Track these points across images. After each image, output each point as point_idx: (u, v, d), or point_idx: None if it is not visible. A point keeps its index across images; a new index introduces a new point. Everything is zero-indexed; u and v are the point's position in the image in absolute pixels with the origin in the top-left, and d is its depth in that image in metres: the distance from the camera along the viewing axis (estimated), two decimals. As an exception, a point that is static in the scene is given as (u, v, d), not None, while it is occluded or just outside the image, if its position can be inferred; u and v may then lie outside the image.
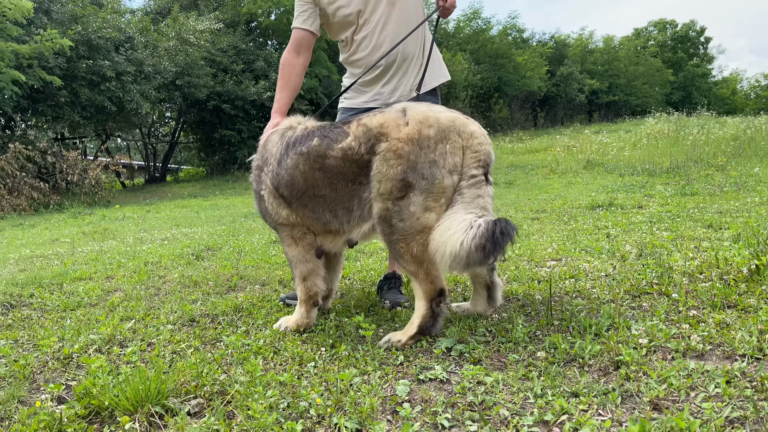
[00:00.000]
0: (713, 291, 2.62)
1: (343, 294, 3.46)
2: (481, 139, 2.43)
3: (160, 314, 3.17)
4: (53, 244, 6.87)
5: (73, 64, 15.39)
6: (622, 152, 14.98)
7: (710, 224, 4.90)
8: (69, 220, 10.25)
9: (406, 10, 3.07)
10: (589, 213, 6.52)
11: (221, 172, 22.25)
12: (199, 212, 10.33)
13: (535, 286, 3.20)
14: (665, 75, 43.86)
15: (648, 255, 3.76)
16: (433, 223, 2.36)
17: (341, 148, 2.54)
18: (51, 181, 14.68)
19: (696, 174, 9.85)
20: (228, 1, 24.08)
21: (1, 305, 3.51)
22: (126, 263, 4.76)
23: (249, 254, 4.95)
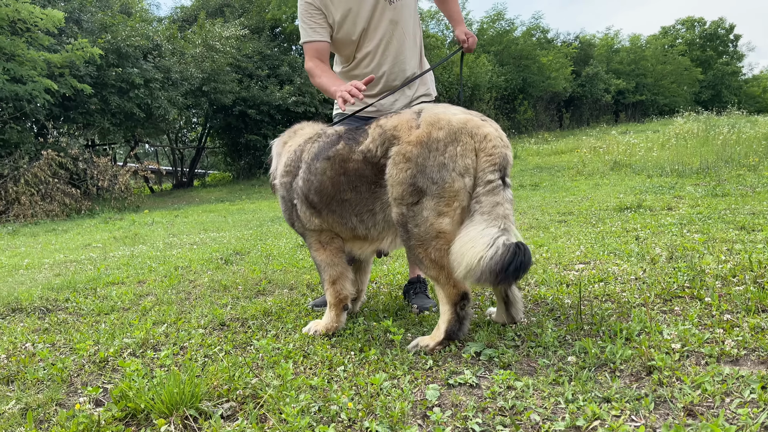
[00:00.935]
0: (747, 295, 2.58)
1: (371, 297, 3.48)
2: (495, 141, 2.37)
3: (191, 318, 3.22)
4: (86, 249, 7.02)
5: (103, 72, 15.72)
6: (650, 152, 14.76)
7: (743, 226, 4.80)
8: (100, 225, 10.46)
9: (406, 28, 3.18)
10: (617, 215, 6.44)
11: (247, 176, 22.50)
12: (226, 216, 10.45)
13: (563, 290, 3.18)
14: (694, 73, 43.09)
15: (679, 258, 3.71)
16: (447, 227, 2.34)
17: (361, 151, 2.56)
18: (82, 187, 14.98)
19: (727, 174, 9.66)
20: (253, 7, 24.35)
21: (38, 309, 3.60)
22: (157, 268, 4.84)
23: (277, 258, 5.00)
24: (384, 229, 2.62)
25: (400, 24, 3.14)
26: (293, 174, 2.85)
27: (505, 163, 2.38)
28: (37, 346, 2.85)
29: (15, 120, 14.27)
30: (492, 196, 2.32)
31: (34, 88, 13.34)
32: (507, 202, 2.36)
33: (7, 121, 13.99)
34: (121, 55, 16.09)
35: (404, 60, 3.21)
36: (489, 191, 2.32)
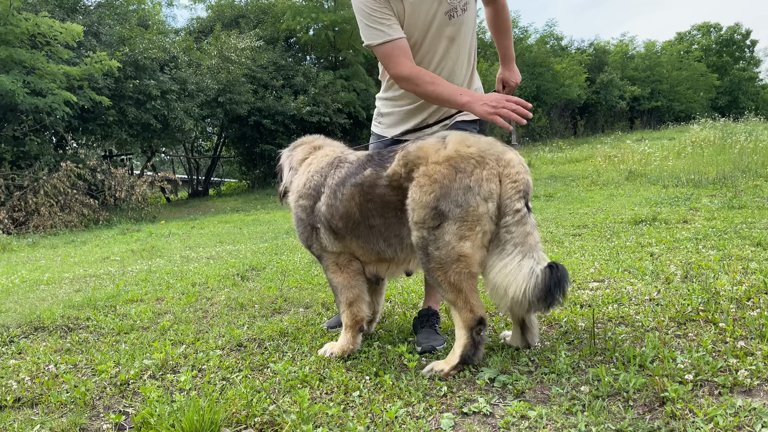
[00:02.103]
0: (761, 320, 2.58)
1: (385, 317, 3.52)
2: (519, 167, 2.40)
3: (209, 338, 3.28)
4: (104, 263, 7.12)
5: (120, 84, 15.97)
6: (666, 162, 14.67)
7: (759, 242, 4.78)
8: (118, 236, 10.61)
9: (463, 46, 2.95)
10: (632, 229, 6.42)
11: (262, 185, 22.67)
12: (241, 228, 10.55)
13: (577, 312, 3.19)
14: (710, 79, 42.77)
15: (694, 277, 3.71)
16: (469, 251, 2.37)
17: (387, 176, 2.57)
18: (100, 197, 15.19)
19: (744, 185, 9.59)
20: (268, 18, 24.60)
21: (59, 328, 3.68)
22: (174, 284, 4.92)
23: (292, 274, 5.05)
24: (411, 251, 2.64)
25: (457, 41, 2.91)
26: (314, 198, 2.85)
27: (528, 189, 2.42)
28: (60, 367, 2.92)
29: (35, 132, 14.53)
30: (522, 226, 2.36)
31: (54, 100, 13.57)
32: (534, 228, 2.42)
33: (28, 133, 14.24)
34: (139, 67, 16.34)
35: (455, 80, 2.97)
36: (518, 221, 2.36)
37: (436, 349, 2.82)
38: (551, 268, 2.29)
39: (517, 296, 2.28)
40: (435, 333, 2.96)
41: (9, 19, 13.26)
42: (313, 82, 21.70)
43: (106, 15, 18.25)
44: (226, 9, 25.62)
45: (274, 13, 24.22)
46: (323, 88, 21.43)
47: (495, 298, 2.38)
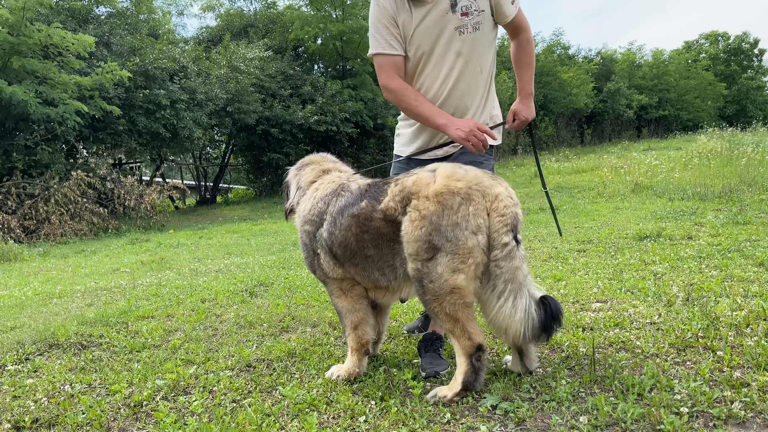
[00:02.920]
0: (758, 349, 2.64)
1: (391, 338, 3.59)
2: (506, 201, 2.47)
3: (218, 358, 3.36)
4: (114, 275, 7.23)
5: (131, 93, 16.16)
6: (672, 174, 14.69)
7: (761, 262, 4.83)
8: (127, 246, 10.73)
9: (474, 66, 2.97)
10: (636, 245, 6.47)
11: (269, 193, 22.82)
12: (249, 239, 10.65)
13: (579, 335, 3.26)
14: (718, 88, 42.68)
15: (695, 300, 3.77)
16: (462, 283, 2.44)
17: (381, 209, 2.65)
18: (110, 206, 15.35)
19: (749, 199, 9.61)
20: (276, 27, 24.81)
21: (73, 346, 3.78)
22: (184, 300, 5.01)
23: (299, 290, 5.14)
24: (404, 281, 2.73)
25: (468, 59, 2.94)
26: (317, 224, 2.93)
27: (516, 222, 2.49)
28: (75, 387, 3.01)
29: (47, 141, 14.72)
30: (510, 260, 2.44)
31: (65, 110, 13.76)
32: (523, 261, 2.51)
33: (39, 142, 14.43)
34: (149, 77, 16.53)
35: (467, 103, 3.02)
36: (507, 255, 2.44)
37: (440, 374, 2.88)
38: (544, 304, 2.42)
39: (517, 336, 2.44)
40: (439, 357, 3.02)
41: (22, 30, 13.48)
42: (320, 92, 21.85)
43: (117, 25, 18.47)
44: (235, 18, 25.86)
45: (283, 22, 24.42)
46: (331, 97, 21.57)
47: (496, 334, 2.49)
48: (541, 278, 5.10)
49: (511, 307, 2.42)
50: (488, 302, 2.50)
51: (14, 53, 13.58)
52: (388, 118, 23.16)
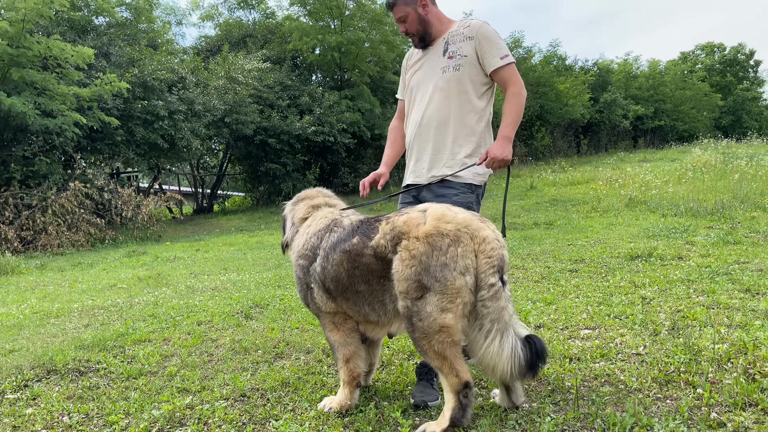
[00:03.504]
0: (736, 387, 2.73)
1: (384, 366, 3.67)
2: (493, 243, 2.58)
3: (214, 386, 3.43)
4: (111, 291, 7.30)
5: (129, 104, 16.25)
6: (666, 187, 14.82)
7: (748, 288, 4.92)
8: (124, 260, 10.79)
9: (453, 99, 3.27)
10: (628, 265, 6.57)
11: (266, 203, 22.89)
12: (246, 253, 10.72)
13: (566, 367, 3.34)
14: (713, 99, 42.95)
15: (680, 329, 3.86)
16: (450, 322, 2.53)
17: (372, 246, 2.76)
18: (107, 216, 15.41)
19: (741, 216, 9.73)
20: (275, 38, 24.94)
21: (71, 372, 3.85)
22: (180, 322, 5.08)
23: (294, 312, 5.22)
24: (394, 317, 2.82)
25: (446, 92, 3.27)
26: (311, 259, 3.02)
27: (503, 264, 2.60)
28: (73, 417, 3.08)
29: (44, 152, 14.78)
30: (497, 301, 2.55)
31: (64, 121, 13.84)
32: (508, 301, 2.61)
33: (37, 153, 14.50)
34: (147, 88, 16.63)
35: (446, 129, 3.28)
36: (493, 295, 2.54)
37: (429, 405, 2.97)
38: (530, 343, 2.52)
39: (505, 375, 2.54)
40: (431, 387, 3.10)
41: (22, 41, 13.57)
42: (318, 102, 21.96)
43: (116, 36, 18.58)
44: (234, 28, 26.00)
45: (281, 33, 24.55)
46: (328, 108, 21.68)
47: (484, 372, 2.57)
48: (532, 301, 5.19)
49: (498, 347, 2.52)
50: (476, 341, 2.59)
51: (13, 65, 13.67)
52: (385, 129, 23.27)
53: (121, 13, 19.97)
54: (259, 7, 27.17)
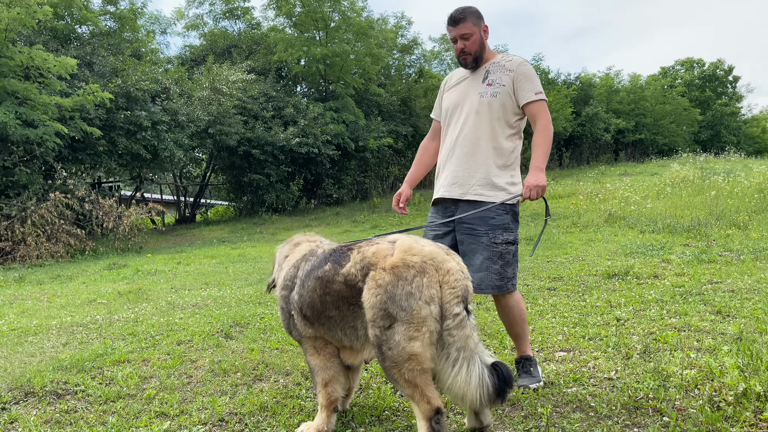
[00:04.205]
0: (701, 416, 2.81)
1: (362, 389, 3.71)
2: (457, 275, 2.68)
3: (192, 410, 3.46)
4: (91, 307, 7.26)
5: (112, 114, 16.17)
6: (645, 203, 15.07)
7: (719, 310, 5.05)
8: (104, 272, 10.72)
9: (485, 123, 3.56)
10: (605, 284, 6.69)
11: (249, 213, 22.84)
12: (227, 266, 10.71)
13: (540, 392, 3.41)
14: (693, 114, 43.74)
15: (652, 353, 3.96)
16: (418, 350, 2.60)
17: (343, 274, 2.84)
18: (87, 227, 15.29)
19: (716, 233, 9.94)
20: (260, 49, 25.00)
21: (49, 394, 3.84)
22: (160, 341, 5.09)
23: (274, 332, 5.25)
24: (366, 342, 2.88)
25: (482, 115, 3.56)
26: (290, 288, 3.12)
27: (466, 294, 2.69)
28: (50, 443, 3.09)
29: (25, 162, 14.65)
30: (462, 329, 2.63)
31: (45, 131, 13.74)
32: (473, 329, 2.69)
33: (17, 163, 14.37)
34: (131, 98, 16.57)
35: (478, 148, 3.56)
36: (458, 324, 2.62)
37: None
38: (496, 370, 2.59)
39: (474, 403, 2.59)
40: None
41: (3, 51, 13.47)
42: (302, 114, 22.02)
43: (100, 45, 18.51)
44: (219, 39, 26.02)
45: (267, 44, 24.62)
46: (313, 119, 21.75)
47: (453, 401, 2.65)
48: (510, 321, 5.26)
49: (465, 375, 2.58)
50: (444, 371, 2.65)
51: (-5, 75, 13.57)
52: (369, 141, 23.41)
53: (104, 22, 19.90)
54: (245, 17, 27.24)
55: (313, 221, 19.84)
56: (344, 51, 22.75)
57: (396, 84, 28.01)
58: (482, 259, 3.46)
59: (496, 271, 3.44)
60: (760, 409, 2.82)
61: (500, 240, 3.46)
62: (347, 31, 23.89)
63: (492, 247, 3.45)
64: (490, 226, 3.44)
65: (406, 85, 28.36)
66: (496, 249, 3.45)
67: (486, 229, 3.46)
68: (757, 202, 12.88)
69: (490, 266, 3.44)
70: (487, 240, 3.46)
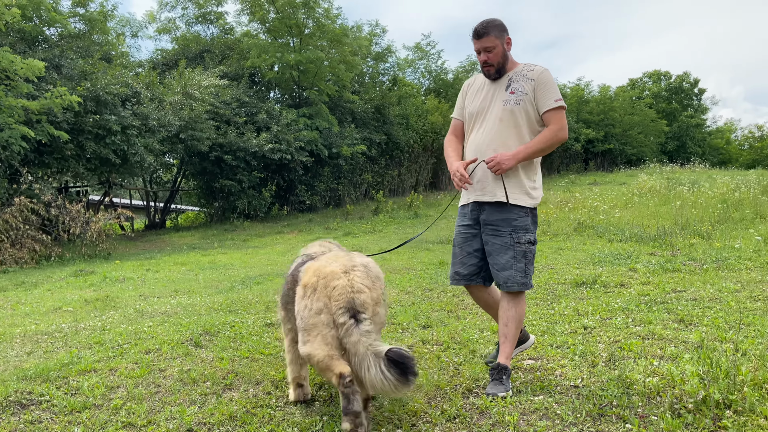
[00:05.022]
0: (662, 423, 2.89)
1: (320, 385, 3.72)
2: (341, 291, 3.06)
3: (160, 420, 3.42)
4: (56, 314, 7.12)
5: (80, 118, 15.88)
6: (613, 212, 15.37)
7: (682, 318, 5.19)
8: (70, 279, 10.52)
9: (510, 128, 3.75)
10: (573, 292, 6.81)
11: (220, 219, 22.63)
12: (197, 274, 10.60)
13: (508, 400, 3.47)
14: (660, 125, 44.74)
15: (617, 360, 4.05)
16: (311, 350, 3.05)
17: (292, 274, 3.60)
18: (53, 233, 14.98)
19: (681, 243, 10.17)
20: (233, 54, 24.83)
21: (13, 404, 3.76)
22: (128, 350, 5.02)
23: (244, 340, 5.22)
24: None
25: (505, 122, 3.75)
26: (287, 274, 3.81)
27: (351, 305, 3.02)
28: (13, 455, 3.03)
29: (-11, 166, 14.31)
30: (350, 336, 2.97)
31: (11, 135, 13.45)
32: (364, 335, 2.94)
33: (-19, 167, 14.03)
34: (100, 102, 16.30)
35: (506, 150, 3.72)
36: (346, 332, 2.98)
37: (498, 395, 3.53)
38: (389, 359, 2.80)
39: (388, 392, 2.84)
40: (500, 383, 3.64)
41: (-32, 52, 13.17)
42: (275, 120, 21.92)
43: (68, 48, 18.19)
44: (192, 43, 25.77)
45: (240, 49, 24.48)
46: (286, 125, 21.66)
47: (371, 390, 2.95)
48: (480, 330, 5.33)
49: (368, 374, 2.84)
50: (358, 372, 2.91)
51: (-42, 75, 13.25)
52: (342, 147, 23.40)
53: (74, 24, 19.58)
54: (218, 22, 27.05)
55: (286, 228, 19.74)
56: (318, 58, 22.74)
57: (370, 91, 28.06)
58: (507, 258, 3.68)
59: (521, 269, 3.69)
60: (719, 416, 2.91)
61: (523, 240, 3.70)
62: (321, 38, 23.90)
63: (516, 247, 3.68)
64: (513, 227, 3.68)
65: (380, 92, 28.42)
66: (520, 248, 3.69)
67: (509, 230, 3.69)
68: (720, 212, 13.23)
69: (515, 264, 3.68)
70: (511, 240, 3.69)
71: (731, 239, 10.04)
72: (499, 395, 3.52)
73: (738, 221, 12.19)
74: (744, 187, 17.59)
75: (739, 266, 7.64)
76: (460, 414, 3.32)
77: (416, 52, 33.87)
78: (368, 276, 3.20)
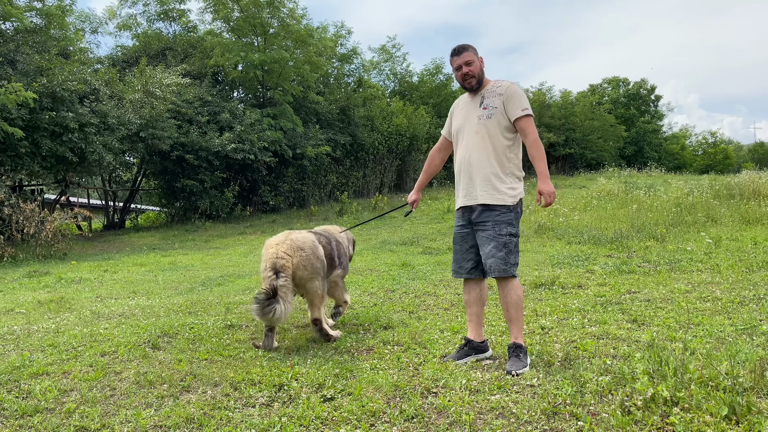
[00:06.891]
0: (612, 420, 2.98)
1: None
2: (268, 255, 4.84)
3: (114, 424, 3.37)
4: (8, 317, 6.91)
5: (36, 115, 15.44)
6: (573, 215, 15.67)
7: (635, 318, 5.34)
8: (24, 281, 10.21)
9: (486, 141, 4.26)
10: (532, 293, 6.93)
11: (182, 220, 22.26)
12: (157, 275, 10.41)
13: (466, 399, 3.52)
14: (618, 131, 45.80)
15: (572, 360, 4.15)
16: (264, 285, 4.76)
17: None
18: (6, 232, 14.52)
19: (636, 245, 10.45)
20: (196, 52, 24.48)
21: (-41, 410, 3.65)
22: (83, 353, 4.91)
23: (204, 342, 5.16)
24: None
25: (481, 135, 4.28)
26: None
27: (274, 265, 4.74)
28: (-41, 461, 2.94)
29: (-63, 163, 13.80)
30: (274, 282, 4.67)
31: (-39, 131, 13.00)
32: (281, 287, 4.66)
33: (-71, 163, 13.51)
34: (57, 98, 15.87)
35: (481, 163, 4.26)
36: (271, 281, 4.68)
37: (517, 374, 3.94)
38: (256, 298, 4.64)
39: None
40: (519, 361, 4.10)
41: None
42: (239, 120, 21.67)
43: (24, 43, 17.67)
44: (153, 41, 25.30)
45: (203, 48, 24.14)
46: (249, 125, 21.44)
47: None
48: (440, 330, 5.38)
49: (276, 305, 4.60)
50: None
51: None
52: (307, 148, 23.29)
53: (30, 18, 18.99)
54: (181, 20, 26.62)
55: (248, 229, 19.54)
56: (283, 58, 22.60)
57: (335, 92, 28.00)
58: (490, 248, 4.19)
59: (501, 258, 4.16)
60: (667, 413, 3.01)
61: (504, 232, 4.19)
62: (286, 38, 23.75)
63: (498, 238, 4.18)
64: (496, 221, 4.19)
65: (345, 94, 28.37)
66: (501, 239, 4.18)
67: (492, 224, 4.21)
68: (674, 215, 13.63)
69: (496, 253, 4.17)
70: (494, 232, 4.19)
71: (684, 242, 10.36)
72: (518, 372, 3.92)
73: (691, 224, 12.58)
74: (697, 191, 18.17)
75: (690, 268, 7.89)
76: (418, 414, 3.35)
77: (381, 54, 33.99)
78: (291, 248, 4.80)
